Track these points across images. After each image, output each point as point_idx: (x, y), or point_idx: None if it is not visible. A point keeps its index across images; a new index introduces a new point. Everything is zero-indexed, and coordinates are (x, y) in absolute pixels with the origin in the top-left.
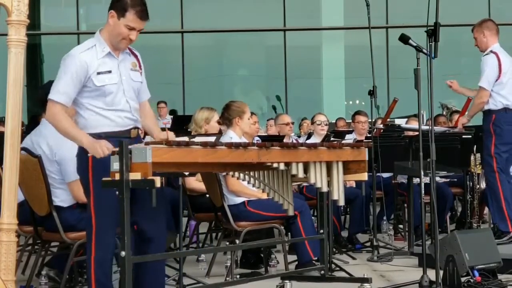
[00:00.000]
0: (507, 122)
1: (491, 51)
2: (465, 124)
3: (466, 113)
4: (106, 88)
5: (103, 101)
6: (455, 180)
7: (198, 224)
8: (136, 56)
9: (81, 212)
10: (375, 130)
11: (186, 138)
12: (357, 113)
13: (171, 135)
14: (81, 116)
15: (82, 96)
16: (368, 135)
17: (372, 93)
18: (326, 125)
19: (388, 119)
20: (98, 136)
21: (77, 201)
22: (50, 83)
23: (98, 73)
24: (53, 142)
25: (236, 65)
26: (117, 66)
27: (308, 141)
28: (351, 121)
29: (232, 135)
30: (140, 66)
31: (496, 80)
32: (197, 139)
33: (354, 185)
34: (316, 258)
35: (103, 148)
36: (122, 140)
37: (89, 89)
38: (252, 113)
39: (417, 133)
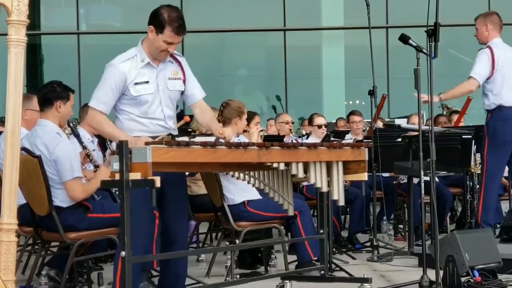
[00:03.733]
0: (500, 119)
1: (488, 46)
2: (435, 102)
3: (442, 93)
4: (142, 97)
5: (139, 109)
6: (455, 180)
7: (198, 224)
8: (179, 63)
9: (81, 213)
10: (367, 129)
11: (186, 138)
12: (352, 113)
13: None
14: (118, 120)
15: (121, 103)
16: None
17: (372, 93)
18: (326, 126)
19: (388, 119)
20: None
21: (73, 201)
22: (49, 84)
23: (136, 84)
24: (49, 141)
25: (236, 65)
26: (155, 76)
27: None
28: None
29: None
30: (183, 73)
31: (489, 77)
32: (197, 139)
33: None
34: (316, 258)
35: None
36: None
37: (127, 97)
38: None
39: (417, 132)
